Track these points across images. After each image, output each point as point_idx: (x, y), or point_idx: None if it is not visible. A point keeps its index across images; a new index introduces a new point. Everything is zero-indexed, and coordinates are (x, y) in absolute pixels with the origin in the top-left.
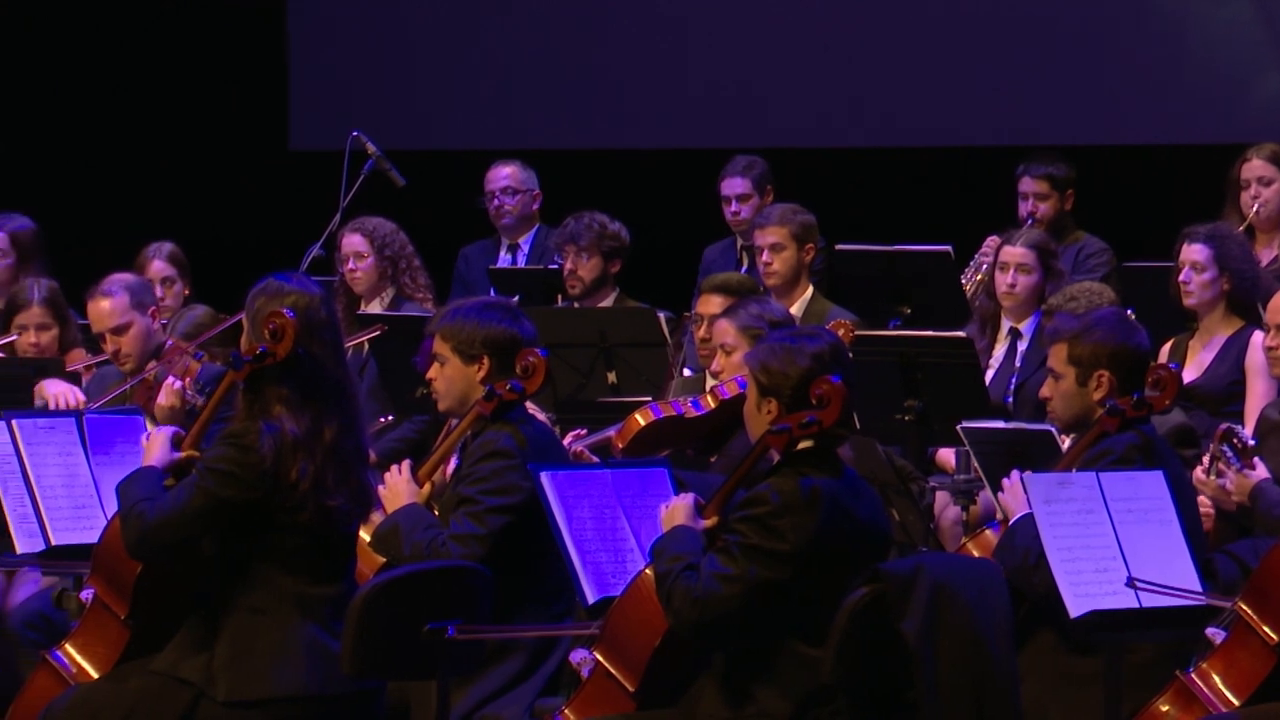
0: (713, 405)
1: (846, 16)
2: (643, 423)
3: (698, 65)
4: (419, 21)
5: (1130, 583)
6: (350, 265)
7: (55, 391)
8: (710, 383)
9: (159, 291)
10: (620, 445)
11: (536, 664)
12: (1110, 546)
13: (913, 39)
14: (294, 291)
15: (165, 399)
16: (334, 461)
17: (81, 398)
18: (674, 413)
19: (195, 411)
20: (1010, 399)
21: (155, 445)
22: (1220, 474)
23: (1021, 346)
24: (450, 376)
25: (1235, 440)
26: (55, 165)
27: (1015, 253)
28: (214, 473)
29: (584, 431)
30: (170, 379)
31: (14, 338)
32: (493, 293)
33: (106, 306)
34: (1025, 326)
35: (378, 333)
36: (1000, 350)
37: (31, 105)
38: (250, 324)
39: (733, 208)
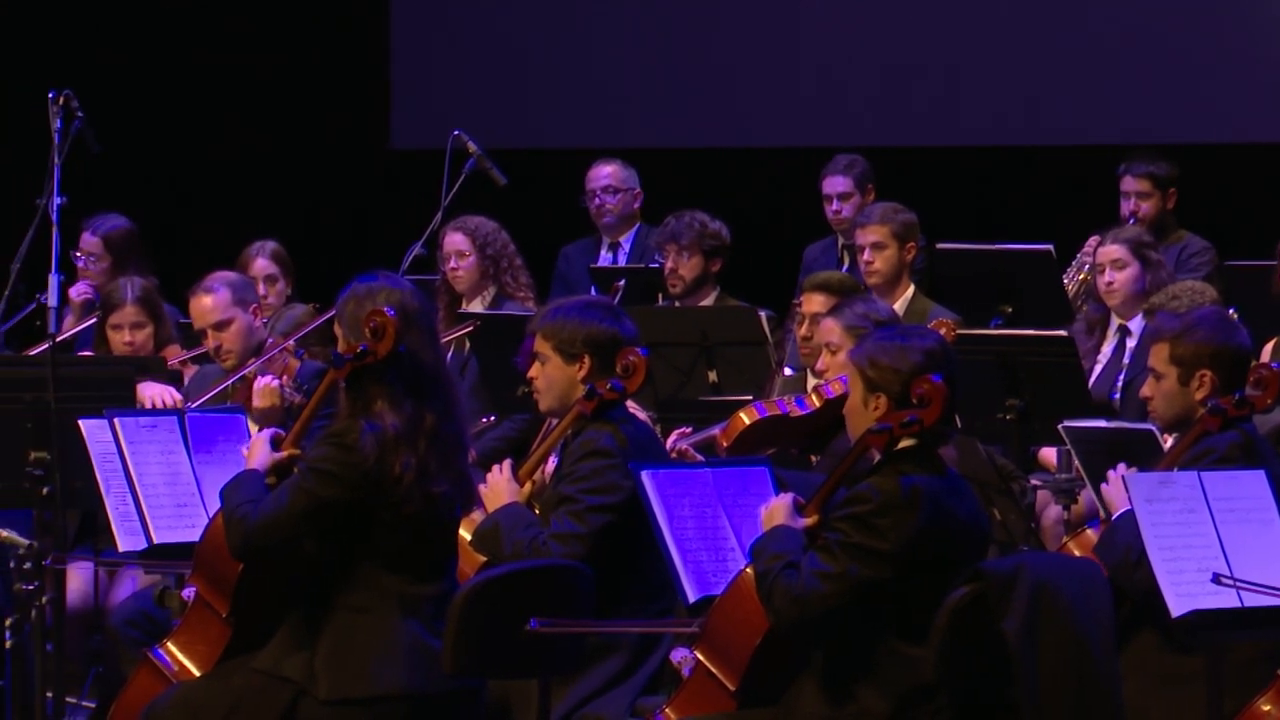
0: (817, 404)
1: (948, 16)
2: (748, 421)
3: (800, 64)
4: (520, 20)
5: (1216, 579)
6: (452, 264)
7: (151, 394)
8: (813, 382)
9: (261, 289)
10: (725, 444)
11: (638, 663)
12: (1212, 546)
13: (1015, 38)
14: (385, 289)
15: (263, 399)
16: (436, 449)
17: (178, 397)
18: (779, 411)
19: (294, 409)
20: (1118, 395)
21: (256, 448)
22: None
23: (1130, 344)
24: (551, 375)
25: None
26: (161, 164)
27: (1108, 251)
28: (316, 473)
29: (689, 429)
30: (268, 377)
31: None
32: (594, 292)
33: (208, 302)
34: (1133, 324)
35: (470, 329)
36: (1108, 348)
37: (137, 105)
38: (344, 325)
39: (834, 206)
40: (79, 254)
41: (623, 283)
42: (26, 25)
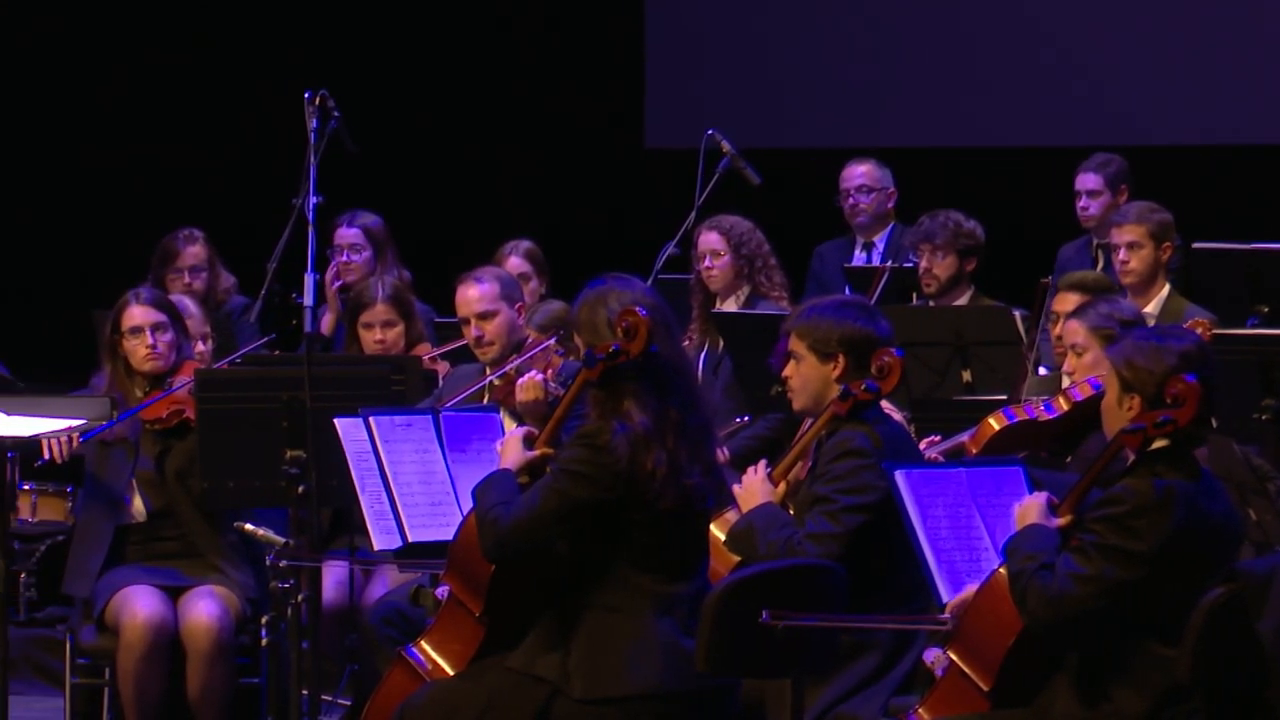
0: (1065, 408)
1: (1202, 14)
2: (997, 427)
3: (1055, 63)
4: (774, 19)
5: None
6: (706, 263)
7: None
8: (1066, 382)
9: None
10: (974, 450)
11: (891, 663)
12: None
13: (1272, 36)
14: (617, 291)
15: (527, 393)
16: (684, 442)
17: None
18: (1027, 416)
19: (556, 404)
20: None
21: (509, 447)
22: None
23: None
24: (806, 375)
25: None
26: (415, 164)
27: None
28: (568, 474)
29: (938, 438)
30: (533, 372)
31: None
32: (848, 291)
33: (475, 292)
34: None
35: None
36: None
37: (392, 105)
38: (581, 330)
39: (1082, 203)
40: (337, 248)
41: (889, 267)
42: (284, 25)
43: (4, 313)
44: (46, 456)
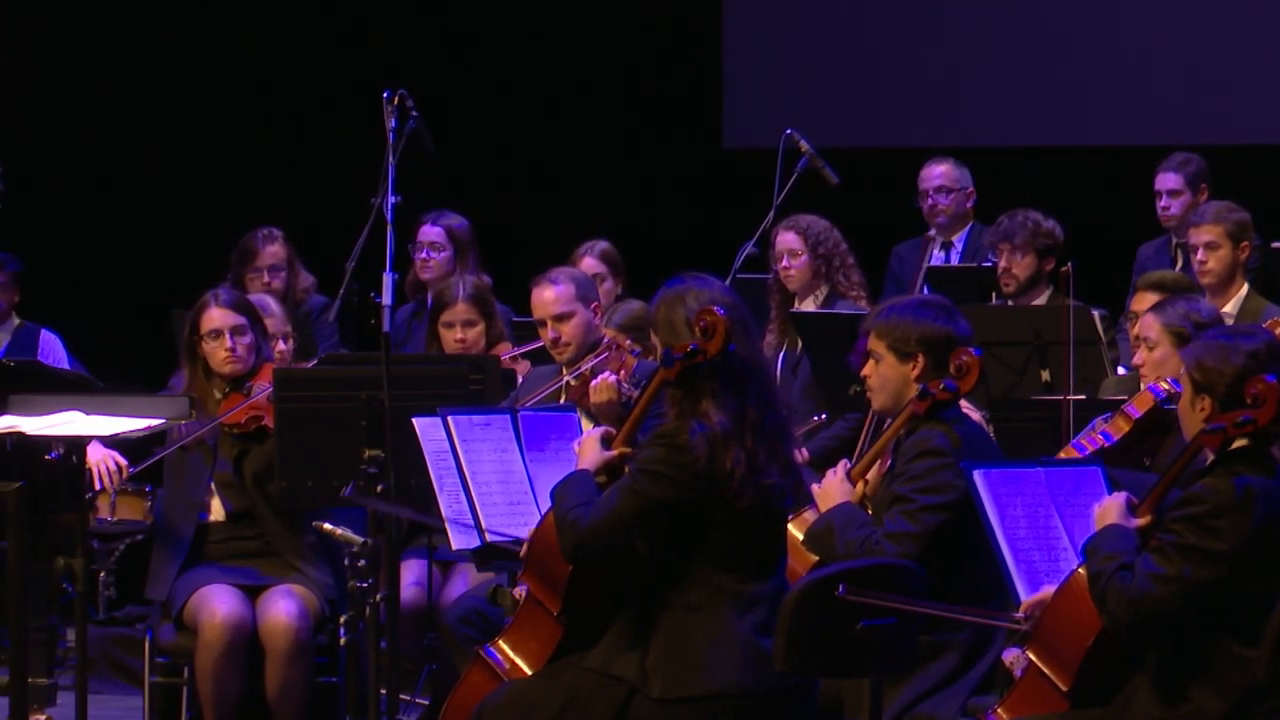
0: (1126, 429)
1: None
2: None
3: (1135, 62)
4: (852, 18)
5: None
6: (784, 263)
7: (96, 458)
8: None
9: None
10: None
11: (970, 663)
12: None
13: None
14: (695, 290)
15: (601, 394)
16: (763, 441)
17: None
18: (1093, 447)
19: (630, 406)
20: None
21: (587, 448)
22: None
23: None
24: (885, 374)
25: None
26: (494, 165)
27: None
28: (647, 474)
29: None
30: (606, 373)
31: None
32: (926, 291)
33: (551, 294)
34: None
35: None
36: None
37: (471, 105)
38: (658, 330)
39: (1163, 202)
40: (419, 244)
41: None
42: (365, 25)
43: (83, 312)
44: (99, 487)
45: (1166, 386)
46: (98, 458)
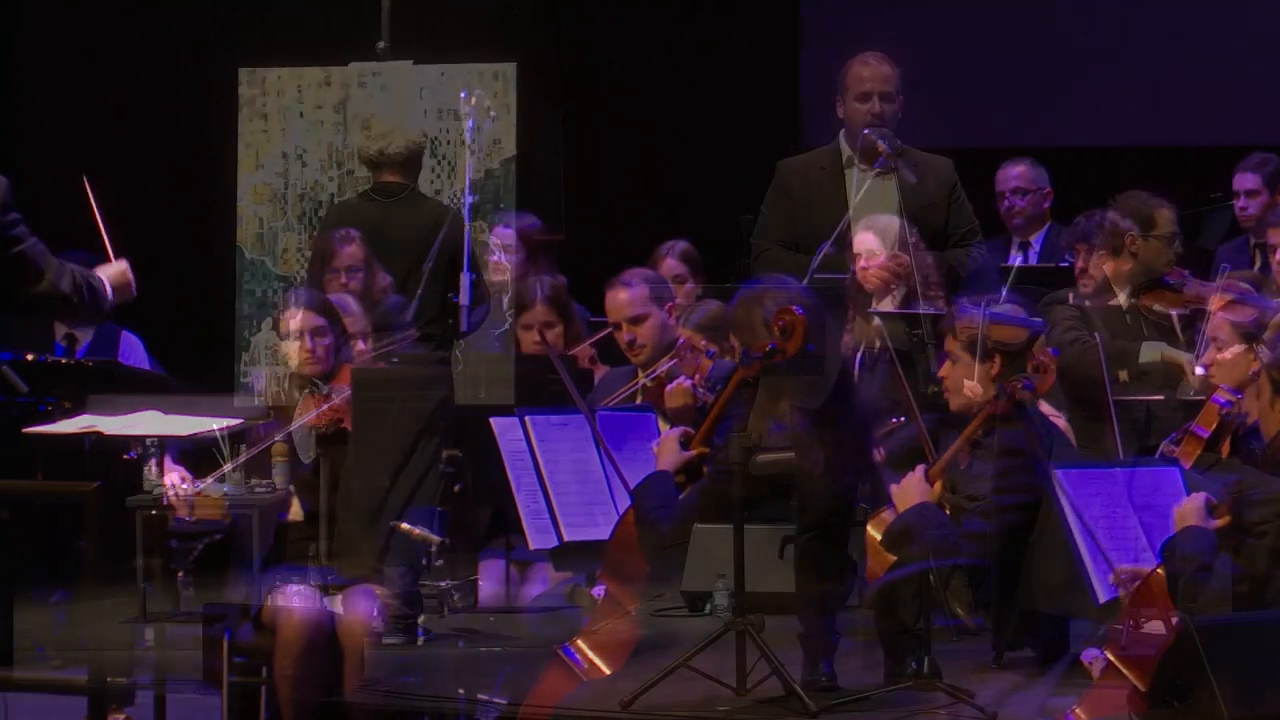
0: (1198, 451)
1: None
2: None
3: (1213, 61)
4: (928, 19)
5: None
6: (862, 263)
7: (170, 480)
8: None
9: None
10: None
11: (1048, 663)
12: None
13: None
14: (772, 291)
15: (675, 399)
16: (840, 440)
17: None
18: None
19: (705, 409)
20: None
21: (666, 448)
22: None
23: None
24: (962, 375)
25: None
26: (572, 166)
27: None
28: (727, 475)
29: None
30: (681, 378)
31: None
32: (1004, 292)
33: (624, 297)
34: None
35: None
36: None
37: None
38: (737, 330)
39: (1240, 202)
40: (491, 246)
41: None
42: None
43: (160, 311)
44: (186, 518)
45: (1228, 396)
46: (171, 480)
